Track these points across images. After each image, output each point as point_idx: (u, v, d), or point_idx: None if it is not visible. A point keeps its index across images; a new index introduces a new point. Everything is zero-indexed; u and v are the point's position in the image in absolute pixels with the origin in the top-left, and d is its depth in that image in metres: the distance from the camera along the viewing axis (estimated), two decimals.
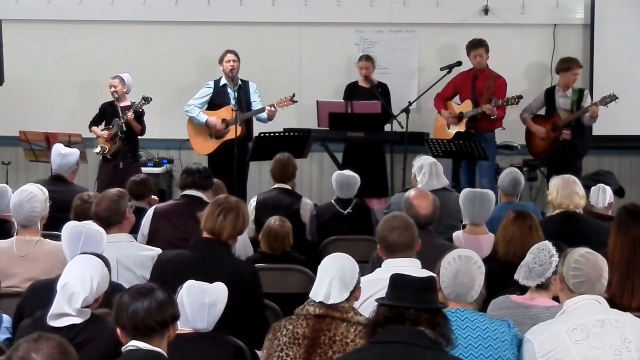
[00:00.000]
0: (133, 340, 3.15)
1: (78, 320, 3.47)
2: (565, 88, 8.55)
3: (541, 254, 3.91)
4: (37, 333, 2.72)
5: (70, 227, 4.22)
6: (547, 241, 4.02)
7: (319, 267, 3.67)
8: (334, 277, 3.57)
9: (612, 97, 8.14)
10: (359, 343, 3.46)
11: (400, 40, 9.63)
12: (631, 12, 9.38)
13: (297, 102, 8.51)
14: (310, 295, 3.59)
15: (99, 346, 3.41)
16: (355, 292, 3.64)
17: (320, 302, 3.57)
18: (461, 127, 8.59)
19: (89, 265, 3.60)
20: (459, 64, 8.84)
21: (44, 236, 4.90)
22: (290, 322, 3.60)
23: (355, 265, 3.67)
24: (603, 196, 6.03)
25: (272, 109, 8.38)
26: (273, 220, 5.49)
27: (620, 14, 9.39)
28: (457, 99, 8.85)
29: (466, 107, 8.63)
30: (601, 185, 6.15)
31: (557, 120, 8.50)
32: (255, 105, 8.56)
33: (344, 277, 3.59)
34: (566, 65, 8.54)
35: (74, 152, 6.60)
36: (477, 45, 8.69)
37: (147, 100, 8.34)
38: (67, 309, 3.46)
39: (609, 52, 9.33)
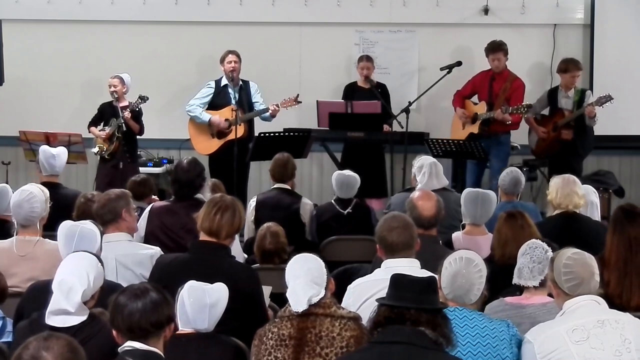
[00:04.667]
0: (129, 341, 3.15)
1: (76, 320, 3.45)
2: (566, 89, 8.55)
3: (537, 252, 3.94)
4: (46, 332, 2.74)
5: (65, 227, 4.22)
6: (535, 239, 4.05)
7: (287, 275, 3.66)
8: (306, 282, 3.57)
9: (608, 98, 8.13)
10: (345, 336, 3.49)
11: (400, 40, 9.63)
12: (631, 12, 9.38)
13: (301, 102, 8.51)
14: (292, 308, 3.56)
15: (97, 345, 3.40)
16: (329, 285, 3.65)
17: None
18: (474, 129, 8.55)
19: (83, 260, 3.60)
20: (459, 64, 8.83)
21: (45, 236, 4.90)
22: (275, 324, 3.60)
23: (320, 262, 3.69)
24: (596, 212, 5.90)
25: (276, 108, 8.39)
26: (263, 238, 5.37)
27: (620, 14, 9.39)
28: (475, 98, 8.81)
29: (482, 108, 8.59)
30: (595, 202, 5.89)
31: (558, 120, 8.51)
32: (258, 106, 8.56)
33: (315, 278, 3.60)
34: (564, 66, 8.55)
35: (63, 151, 6.51)
36: (495, 49, 8.62)
37: (143, 99, 8.33)
38: (65, 304, 3.44)
39: (609, 52, 9.32)
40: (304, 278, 3.59)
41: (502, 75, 8.65)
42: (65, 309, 3.44)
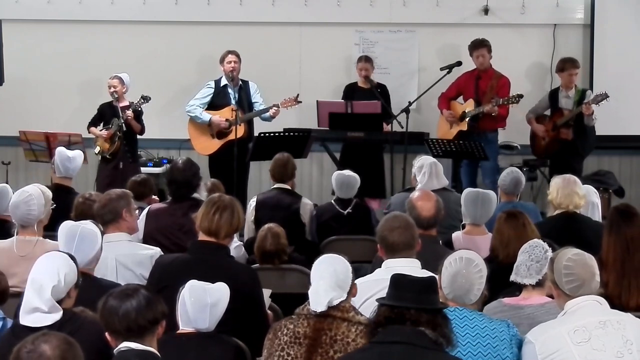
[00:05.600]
0: (125, 342, 3.15)
1: (51, 319, 3.41)
2: (567, 88, 8.57)
3: (536, 251, 3.94)
4: (42, 332, 2.78)
5: (66, 227, 4.21)
6: (536, 239, 4.06)
7: (312, 273, 3.64)
8: (329, 284, 3.55)
9: (604, 96, 8.13)
10: (360, 342, 3.45)
11: (400, 40, 9.63)
12: (631, 12, 9.38)
13: (301, 102, 8.52)
14: (312, 307, 3.54)
15: (78, 342, 3.39)
16: (352, 290, 3.63)
17: None
18: (463, 127, 8.58)
19: (55, 259, 3.57)
20: (459, 64, 8.84)
21: (45, 236, 4.89)
22: (291, 321, 3.59)
23: (348, 265, 3.65)
24: (597, 213, 5.90)
25: (276, 109, 8.39)
26: (264, 239, 5.34)
27: (620, 14, 9.39)
28: (461, 98, 8.83)
29: (469, 106, 8.62)
30: (596, 202, 5.90)
31: (557, 120, 8.52)
32: (258, 106, 8.56)
33: (339, 281, 3.57)
34: (562, 65, 8.59)
35: (79, 154, 6.53)
36: (478, 46, 8.68)
37: (145, 99, 8.34)
38: (37, 302, 3.40)
39: (609, 52, 9.32)
40: (328, 280, 3.56)
41: (487, 73, 8.69)
42: (37, 306, 3.40)
